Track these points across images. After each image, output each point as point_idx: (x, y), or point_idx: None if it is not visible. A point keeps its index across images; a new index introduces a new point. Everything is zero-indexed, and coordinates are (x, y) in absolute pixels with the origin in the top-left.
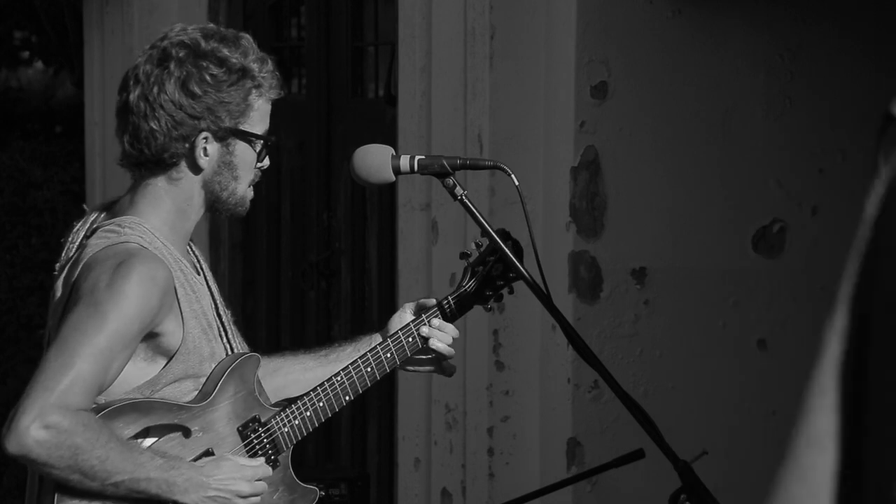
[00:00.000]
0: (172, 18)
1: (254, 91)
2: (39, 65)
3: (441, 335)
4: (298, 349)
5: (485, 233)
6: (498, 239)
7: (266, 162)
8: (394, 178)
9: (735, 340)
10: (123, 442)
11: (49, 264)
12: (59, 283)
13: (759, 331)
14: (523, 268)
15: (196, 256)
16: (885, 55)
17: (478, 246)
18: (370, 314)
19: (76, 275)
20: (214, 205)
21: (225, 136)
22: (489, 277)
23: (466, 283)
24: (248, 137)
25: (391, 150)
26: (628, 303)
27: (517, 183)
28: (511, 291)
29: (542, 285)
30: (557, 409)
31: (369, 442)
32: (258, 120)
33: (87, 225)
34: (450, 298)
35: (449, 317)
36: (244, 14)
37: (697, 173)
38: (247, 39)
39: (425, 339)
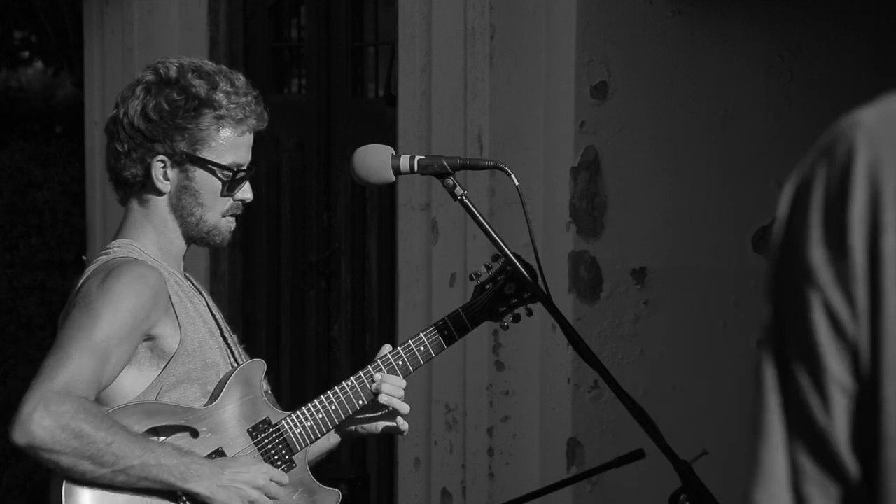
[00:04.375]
0: (172, 18)
1: (216, 122)
2: (39, 65)
3: (390, 388)
4: None
5: (498, 250)
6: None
7: (244, 194)
8: (394, 178)
9: (735, 340)
10: (131, 430)
11: (49, 264)
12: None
13: (759, 331)
14: (537, 286)
15: (195, 285)
16: (885, 55)
17: (487, 268)
18: (370, 314)
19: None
20: (189, 232)
21: (182, 161)
22: (501, 295)
23: (475, 300)
24: (207, 165)
25: (391, 150)
26: (628, 303)
27: (517, 183)
28: (530, 313)
29: (542, 285)
30: (557, 409)
31: (369, 442)
32: (225, 150)
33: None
34: (460, 311)
35: (455, 334)
36: (244, 14)
37: (697, 173)
38: (227, 74)
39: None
